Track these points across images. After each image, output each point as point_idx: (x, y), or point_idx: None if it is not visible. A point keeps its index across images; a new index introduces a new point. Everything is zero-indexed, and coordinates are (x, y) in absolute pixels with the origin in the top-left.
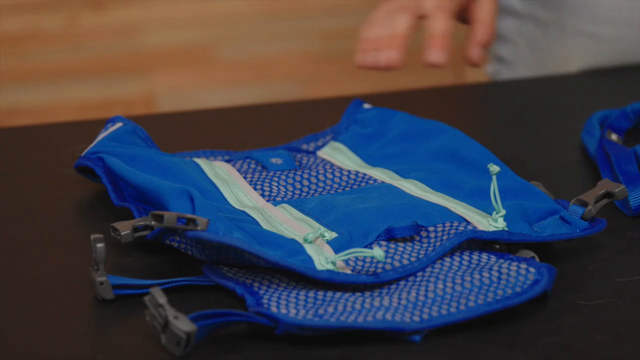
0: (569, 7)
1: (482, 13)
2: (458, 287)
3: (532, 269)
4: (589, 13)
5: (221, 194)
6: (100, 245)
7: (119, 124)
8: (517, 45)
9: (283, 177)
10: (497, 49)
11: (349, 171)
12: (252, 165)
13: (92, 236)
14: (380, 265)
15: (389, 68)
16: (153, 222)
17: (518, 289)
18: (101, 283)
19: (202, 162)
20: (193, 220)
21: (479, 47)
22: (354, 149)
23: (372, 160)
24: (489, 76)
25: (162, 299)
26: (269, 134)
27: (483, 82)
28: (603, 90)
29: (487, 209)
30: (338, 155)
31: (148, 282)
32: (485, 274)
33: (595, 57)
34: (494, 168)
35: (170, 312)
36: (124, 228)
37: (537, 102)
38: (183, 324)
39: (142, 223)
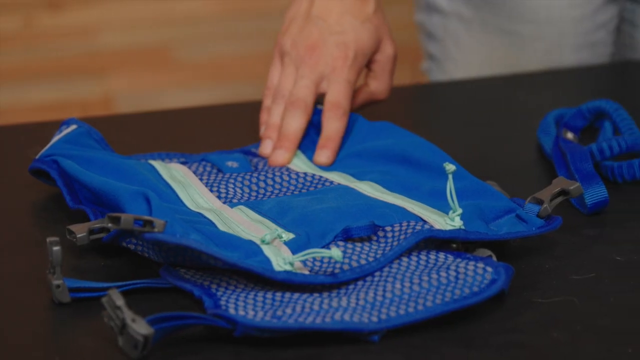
0: (489, 5)
1: (378, 76)
2: (416, 287)
3: (489, 269)
4: (509, 11)
5: (177, 195)
6: (56, 248)
7: (73, 126)
8: (444, 43)
9: (239, 179)
10: (428, 46)
11: (305, 173)
12: (208, 168)
13: (48, 239)
14: (338, 265)
15: (280, 165)
16: (109, 224)
17: (475, 289)
18: (58, 286)
19: (157, 164)
20: (150, 222)
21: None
22: (309, 155)
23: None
24: (423, 73)
25: (119, 301)
26: (227, 134)
27: (438, 82)
28: (556, 89)
29: (444, 208)
30: (294, 159)
31: (105, 284)
32: (443, 274)
33: (518, 56)
34: (450, 167)
35: (128, 314)
36: (80, 230)
37: (490, 102)
38: (140, 327)
39: (98, 225)
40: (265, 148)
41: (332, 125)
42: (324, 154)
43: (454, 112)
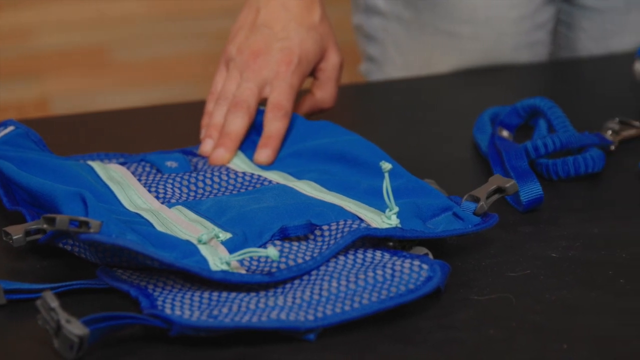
0: (428, 7)
1: (323, 84)
2: (352, 285)
3: (425, 266)
4: (447, 12)
5: (115, 196)
6: None
7: (10, 128)
8: (384, 45)
9: (178, 179)
10: (367, 48)
11: (243, 173)
12: (147, 168)
13: None
14: (274, 264)
15: (219, 164)
16: (45, 226)
17: (411, 286)
18: None
19: (96, 165)
20: (86, 223)
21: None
22: (248, 154)
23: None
24: (362, 75)
25: (53, 303)
26: (165, 135)
27: (376, 82)
28: (492, 88)
29: (381, 207)
30: (234, 158)
31: (40, 286)
32: (379, 272)
33: (457, 57)
34: (386, 165)
35: (62, 315)
36: (16, 232)
37: (427, 101)
38: (75, 328)
39: (34, 227)
40: (206, 146)
41: (273, 125)
42: (264, 153)
43: (392, 111)
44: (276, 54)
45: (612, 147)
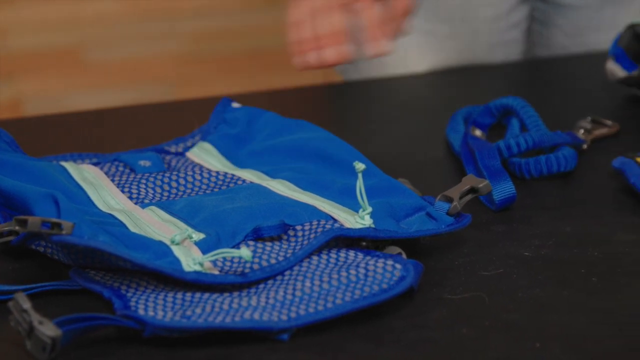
0: None
1: None
2: (325, 285)
3: (398, 266)
4: (425, 11)
5: (88, 197)
6: None
7: None
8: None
9: (151, 179)
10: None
11: (217, 172)
12: (121, 168)
13: None
14: (248, 265)
15: (340, 62)
16: (17, 227)
17: (384, 286)
18: None
19: (69, 165)
20: (58, 225)
21: (400, 19)
22: (222, 151)
23: (240, 162)
24: (338, 74)
25: (26, 305)
26: (139, 136)
27: (350, 81)
28: (466, 87)
29: (354, 207)
30: (207, 156)
31: (13, 287)
32: (352, 272)
33: (433, 56)
34: (360, 166)
35: (35, 317)
36: None
37: (401, 100)
38: (48, 329)
39: (7, 228)
40: (307, 58)
41: (372, 14)
42: (381, 43)
43: (367, 110)
44: None
45: (585, 146)
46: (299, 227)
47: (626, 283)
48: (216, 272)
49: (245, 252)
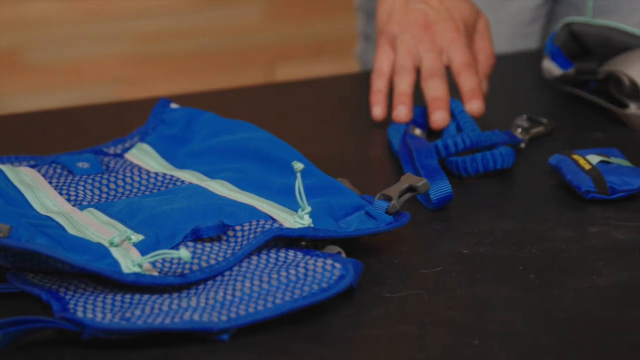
0: None
1: (482, 42)
2: (265, 285)
3: (337, 265)
4: None
5: (26, 199)
6: None
7: None
8: None
9: (89, 181)
10: (366, 27)
11: (156, 173)
12: (58, 170)
13: None
14: (187, 266)
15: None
16: None
17: (324, 285)
18: None
19: (5, 168)
20: None
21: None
22: (161, 152)
23: (179, 162)
24: (357, 57)
25: None
26: (79, 137)
27: (290, 81)
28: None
29: (294, 206)
30: (145, 158)
31: None
32: (292, 271)
33: None
34: (298, 165)
35: None
36: None
37: (342, 99)
38: None
39: None
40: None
41: (472, 81)
42: (476, 104)
43: (306, 110)
44: (443, 24)
45: (522, 145)
46: (238, 228)
47: (562, 279)
48: (155, 274)
49: (184, 253)
